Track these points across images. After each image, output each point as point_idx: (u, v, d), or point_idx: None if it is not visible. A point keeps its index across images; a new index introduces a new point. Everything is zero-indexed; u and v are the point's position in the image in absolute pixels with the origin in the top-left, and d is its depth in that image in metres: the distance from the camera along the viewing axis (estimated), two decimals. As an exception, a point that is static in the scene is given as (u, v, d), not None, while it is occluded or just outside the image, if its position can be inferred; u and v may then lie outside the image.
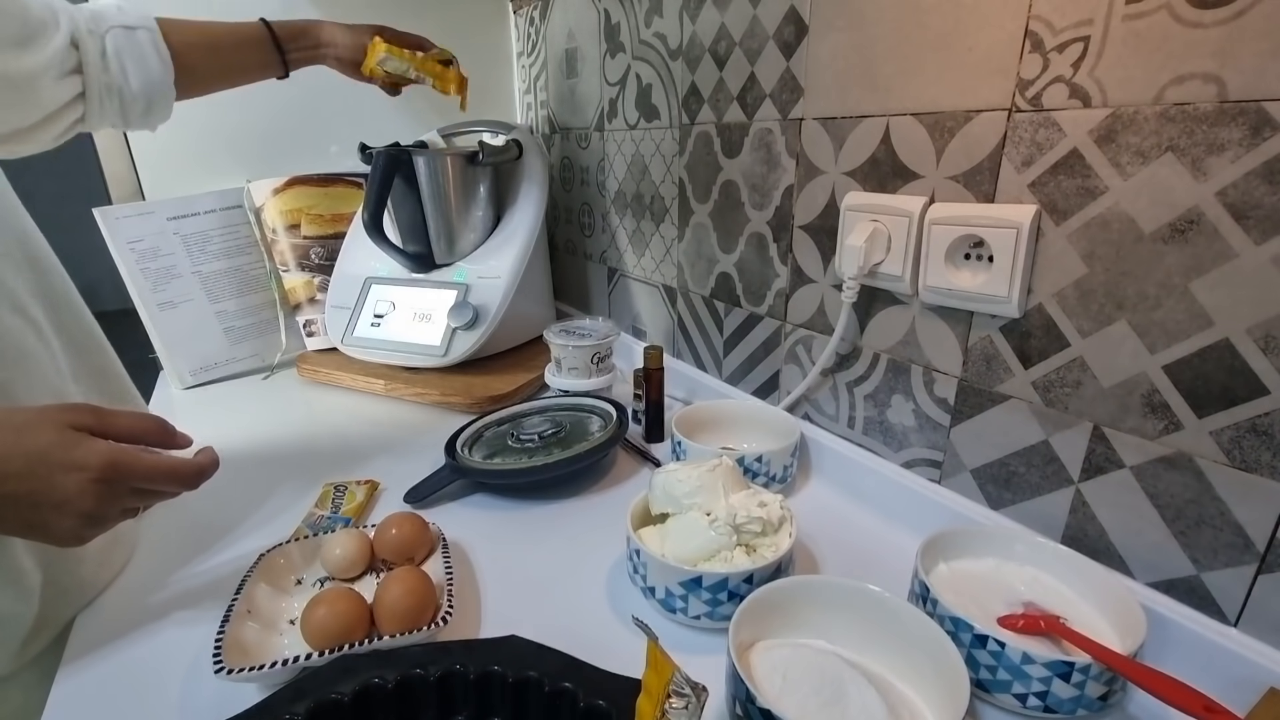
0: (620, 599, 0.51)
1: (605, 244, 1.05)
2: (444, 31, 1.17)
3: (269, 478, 0.70)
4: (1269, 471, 0.38)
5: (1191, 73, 0.37)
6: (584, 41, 0.99)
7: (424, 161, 0.91)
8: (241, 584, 0.48)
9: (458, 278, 0.95)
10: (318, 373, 0.96)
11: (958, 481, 0.56)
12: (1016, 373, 0.50)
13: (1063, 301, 0.46)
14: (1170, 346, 0.41)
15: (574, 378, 0.83)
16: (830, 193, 0.62)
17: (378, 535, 0.53)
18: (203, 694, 0.42)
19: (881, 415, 0.62)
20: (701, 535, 0.48)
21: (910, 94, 0.53)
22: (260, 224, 1.03)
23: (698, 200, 0.81)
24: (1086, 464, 0.46)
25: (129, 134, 0.99)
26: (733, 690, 0.38)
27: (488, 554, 0.57)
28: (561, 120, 1.12)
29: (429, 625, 0.44)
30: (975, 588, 0.46)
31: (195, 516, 0.64)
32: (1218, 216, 0.38)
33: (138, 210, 0.94)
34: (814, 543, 0.58)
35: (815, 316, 0.67)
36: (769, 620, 0.43)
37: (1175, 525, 0.42)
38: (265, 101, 1.07)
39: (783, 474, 0.64)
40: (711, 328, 0.83)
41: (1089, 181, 0.43)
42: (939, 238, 0.51)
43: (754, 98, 0.69)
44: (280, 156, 1.09)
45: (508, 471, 0.65)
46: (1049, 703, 0.38)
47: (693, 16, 0.75)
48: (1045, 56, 0.44)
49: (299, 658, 0.41)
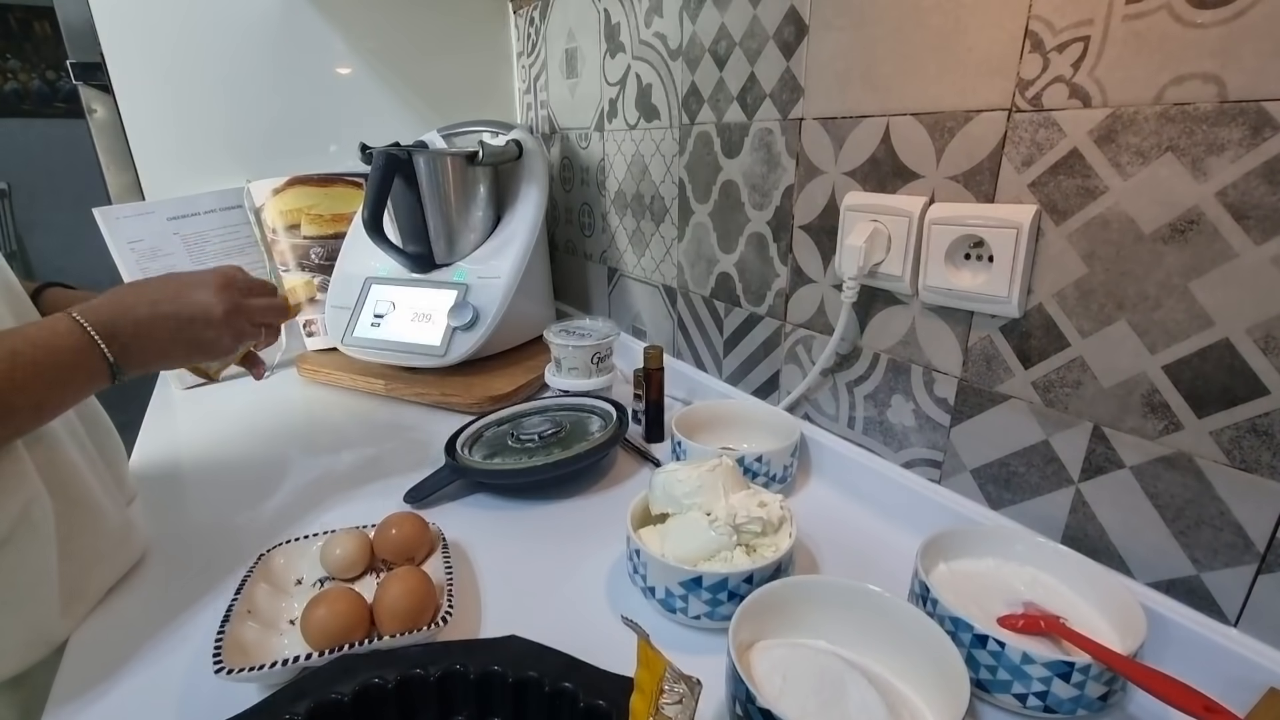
0: (620, 599, 0.51)
1: (605, 244, 1.05)
2: (444, 31, 1.18)
3: (269, 478, 0.70)
4: (1269, 471, 0.38)
5: (1191, 73, 0.37)
6: (584, 41, 0.99)
7: (424, 161, 0.91)
8: (241, 584, 0.48)
9: (458, 278, 0.95)
10: (318, 373, 0.96)
11: (958, 481, 0.56)
12: (1016, 373, 0.50)
13: (1063, 301, 0.46)
14: (1170, 346, 0.41)
15: (574, 378, 0.83)
16: (830, 193, 0.62)
17: (378, 535, 0.53)
18: (203, 694, 0.42)
19: (881, 415, 0.62)
20: (701, 535, 0.48)
21: (910, 94, 0.53)
22: (260, 224, 1.03)
23: (698, 200, 0.81)
24: (1086, 464, 0.46)
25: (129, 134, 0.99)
26: (733, 690, 0.38)
27: (488, 554, 0.57)
28: (561, 120, 1.12)
29: (429, 625, 0.44)
30: (975, 588, 0.46)
31: (195, 516, 0.64)
32: (1218, 216, 0.38)
33: (138, 210, 0.94)
34: (814, 543, 0.58)
35: (815, 316, 0.67)
36: (769, 620, 0.42)
37: (1175, 525, 0.42)
38: (265, 101, 1.08)
39: (783, 474, 0.64)
40: (711, 328, 0.83)
41: (1089, 181, 0.43)
42: (939, 238, 0.51)
43: (754, 98, 0.69)
44: (280, 156, 1.09)
45: (508, 471, 0.65)
46: (1049, 703, 0.38)
47: (693, 16, 0.75)
48: (1045, 56, 0.44)
49: (299, 658, 0.41)
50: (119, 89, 0.97)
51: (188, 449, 0.78)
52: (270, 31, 1.05)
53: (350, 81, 1.14)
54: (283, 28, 1.06)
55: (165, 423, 0.86)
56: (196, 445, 0.79)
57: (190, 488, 0.69)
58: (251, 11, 1.03)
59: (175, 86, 1.00)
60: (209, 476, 0.71)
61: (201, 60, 1.01)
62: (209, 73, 1.02)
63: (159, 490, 0.68)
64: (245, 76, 1.05)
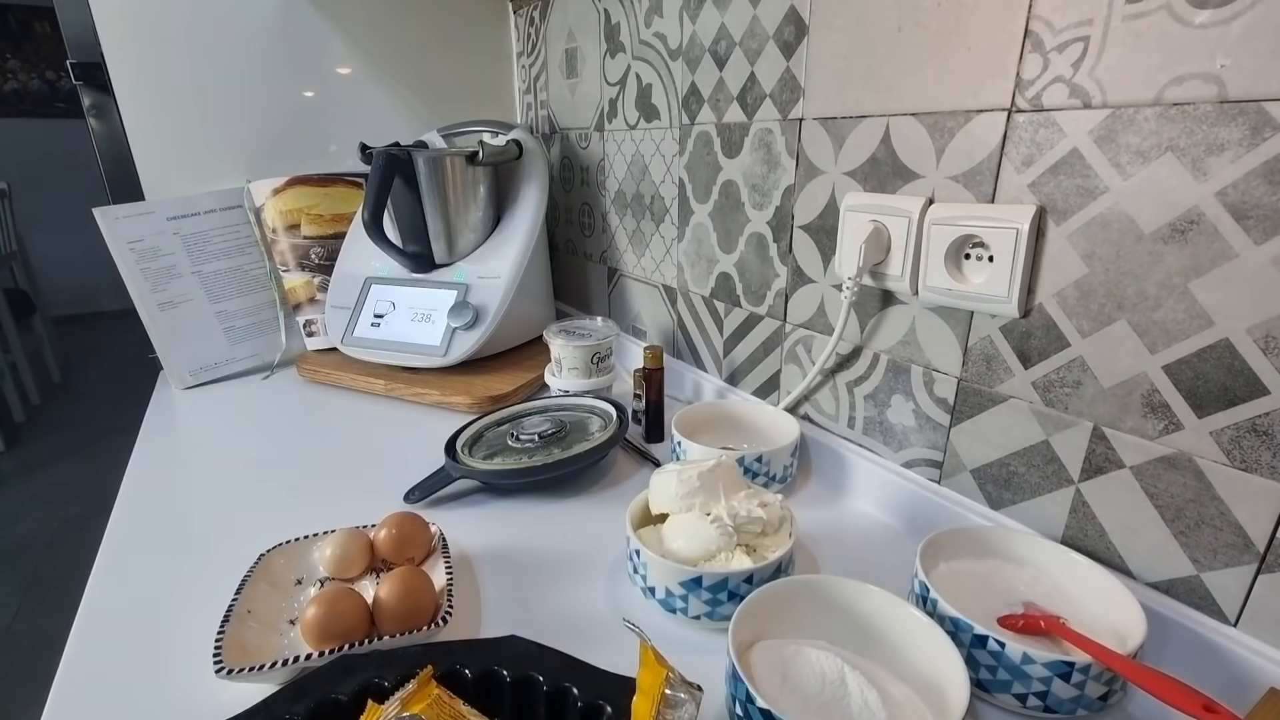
0: (620, 599, 0.51)
1: (605, 244, 1.05)
2: (444, 31, 1.18)
3: (269, 478, 0.70)
4: (1269, 471, 0.38)
5: (1191, 73, 0.37)
6: (584, 41, 0.99)
7: (424, 161, 0.91)
8: (241, 584, 0.48)
9: (458, 278, 0.95)
10: (318, 373, 0.96)
11: (958, 481, 0.56)
12: (1016, 373, 0.50)
13: (1063, 301, 0.46)
14: (1170, 346, 0.41)
15: (574, 378, 0.83)
16: (830, 193, 0.62)
17: (378, 535, 0.53)
18: (203, 694, 0.42)
19: (881, 415, 0.62)
20: (701, 535, 0.48)
21: (910, 94, 0.53)
22: (260, 224, 1.03)
23: (698, 200, 0.81)
24: (1086, 464, 0.46)
25: (129, 134, 0.99)
26: (733, 690, 0.38)
27: (488, 554, 0.57)
28: (561, 120, 1.12)
29: (429, 625, 0.44)
30: (975, 588, 0.46)
31: (195, 516, 0.64)
32: (1218, 216, 0.38)
33: (138, 210, 0.94)
34: (814, 543, 0.58)
35: (815, 316, 0.67)
36: (769, 620, 0.42)
37: (1175, 525, 0.42)
38: (265, 101, 1.08)
39: (783, 474, 0.64)
40: (711, 328, 0.83)
41: (1089, 181, 0.43)
42: (939, 238, 0.51)
43: (754, 98, 0.69)
44: (280, 156, 1.09)
45: (508, 471, 0.65)
46: (1049, 703, 0.38)
47: (693, 16, 0.75)
48: (1045, 56, 0.44)
49: (299, 658, 0.41)
50: (119, 89, 0.97)
51: (188, 449, 0.78)
52: (270, 31, 1.05)
53: (350, 81, 1.14)
54: (283, 28, 1.06)
55: (165, 423, 0.86)
56: (196, 445, 0.79)
57: (190, 488, 0.69)
58: (251, 11, 1.04)
59: (175, 86, 1.00)
60: (209, 476, 0.71)
61: (201, 60, 1.01)
62: (209, 73, 1.02)
63: (159, 490, 0.68)
64: (245, 76, 1.05)
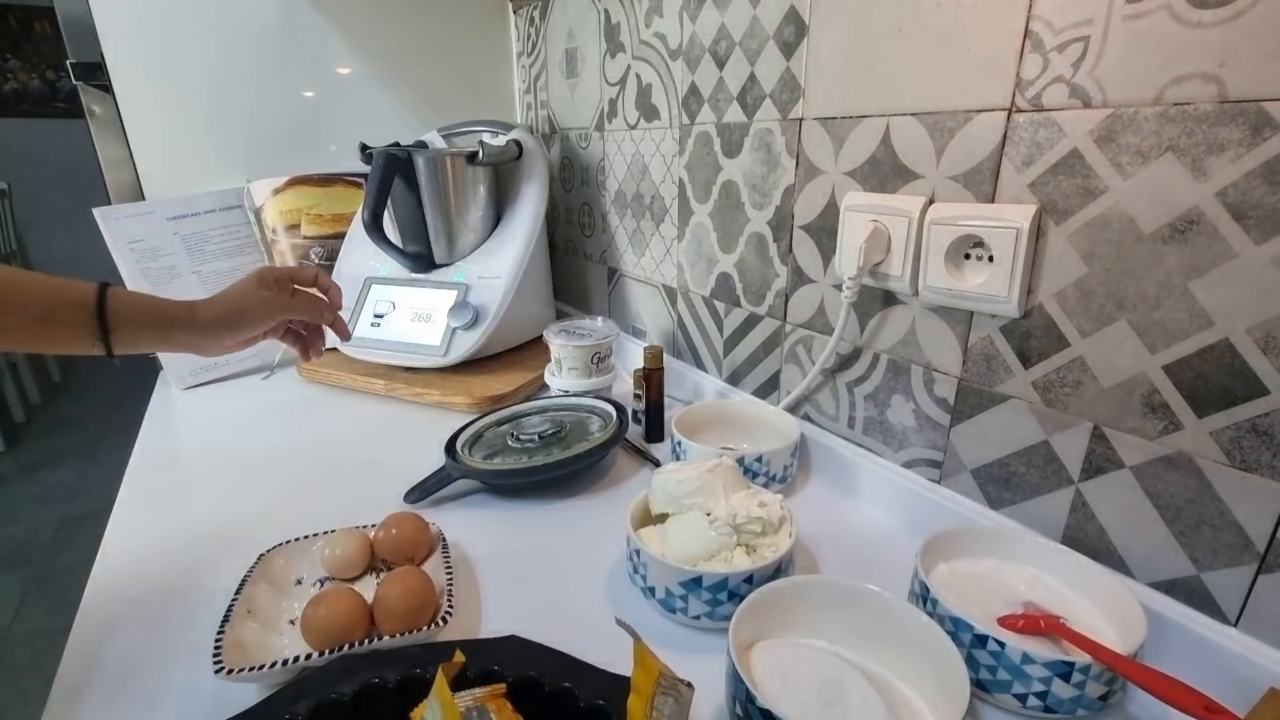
0: (620, 599, 0.51)
1: (605, 244, 1.05)
2: (444, 31, 1.18)
3: (269, 478, 0.70)
4: (1269, 471, 0.38)
5: (1191, 73, 0.37)
6: (584, 41, 0.99)
7: (424, 161, 0.91)
8: (241, 584, 0.48)
9: (458, 278, 0.95)
10: (318, 373, 0.96)
11: (958, 481, 0.56)
12: (1016, 373, 0.50)
13: (1063, 301, 0.46)
14: (1170, 346, 0.41)
15: (574, 378, 0.83)
16: (830, 193, 0.62)
17: (378, 535, 0.53)
18: (203, 694, 0.42)
19: (881, 415, 0.62)
20: (701, 535, 0.48)
21: (910, 94, 0.53)
22: (260, 224, 1.03)
23: (698, 200, 0.81)
24: (1086, 464, 0.46)
25: (129, 134, 0.99)
26: (733, 690, 0.38)
27: (488, 554, 0.57)
28: (561, 120, 1.12)
29: (429, 625, 0.44)
30: (975, 588, 0.46)
31: (194, 516, 0.64)
32: (1218, 216, 0.38)
33: (138, 210, 0.94)
34: (814, 543, 0.58)
35: (815, 316, 0.67)
36: (769, 620, 0.43)
37: (1175, 525, 0.42)
38: (265, 101, 1.08)
39: (783, 474, 0.64)
40: (711, 328, 0.83)
41: (1089, 181, 0.43)
42: (939, 238, 0.51)
43: (754, 98, 0.69)
44: (280, 156, 1.09)
45: (508, 471, 0.65)
46: (1049, 703, 0.38)
47: (693, 16, 0.75)
48: (1045, 56, 0.44)
49: (299, 658, 0.41)
50: (119, 89, 0.97)
51: (188, 449, 0.78)
52: (270, 31, 1.05)
53: (350, 81, 1.14)
54: (283, 28, 1.06)
55: (165, 422, 0.86)
56: (196, 445, 0.79)
57: (190, 488, 0.69)
58: (252, 11, 1.04)
59: (175, 87, 1.00)
60: (209, 476, 0.71)
61: (201, 60, 1.01)
62: (209, 73, 1.02)
63: (159, 490, 0.68)
64: (245, 76, 1.05)
